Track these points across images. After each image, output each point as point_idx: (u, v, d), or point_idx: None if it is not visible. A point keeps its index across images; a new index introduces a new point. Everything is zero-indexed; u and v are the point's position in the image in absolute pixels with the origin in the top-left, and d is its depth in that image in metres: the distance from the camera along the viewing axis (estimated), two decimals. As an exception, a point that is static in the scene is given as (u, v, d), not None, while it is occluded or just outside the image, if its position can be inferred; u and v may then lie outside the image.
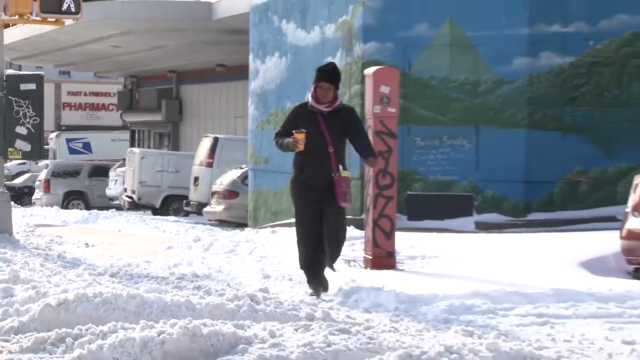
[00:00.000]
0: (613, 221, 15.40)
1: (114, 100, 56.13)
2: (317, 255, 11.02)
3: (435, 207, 19.13)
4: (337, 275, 12.80)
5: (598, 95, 19.87)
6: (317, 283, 11.02)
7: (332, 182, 10.66)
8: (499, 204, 19.78)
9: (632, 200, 12.99)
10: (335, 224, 10.96)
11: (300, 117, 10.83)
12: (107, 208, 34.28)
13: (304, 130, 10.38)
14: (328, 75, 10.87)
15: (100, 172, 38.60)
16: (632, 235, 12.73)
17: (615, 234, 13.42)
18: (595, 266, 13.04)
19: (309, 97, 10.96)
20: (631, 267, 12.95)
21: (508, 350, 7.28)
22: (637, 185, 13.03)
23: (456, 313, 10.13)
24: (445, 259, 13.91)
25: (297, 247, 11.30)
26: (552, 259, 13.40)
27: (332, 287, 11.82)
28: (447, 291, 10.94)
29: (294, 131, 10.44)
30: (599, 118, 19.78)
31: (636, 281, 12.21)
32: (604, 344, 8.20)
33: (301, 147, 10.36)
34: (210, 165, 30.27)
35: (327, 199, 10.73)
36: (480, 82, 20.17)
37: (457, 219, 18.90)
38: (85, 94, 67.03)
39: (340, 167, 10.89)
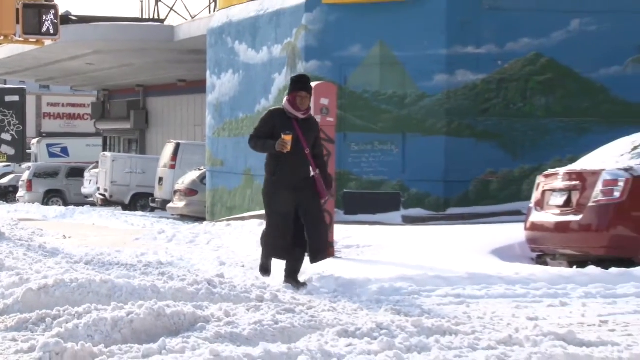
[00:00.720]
0: (519, 215, 15.51)
1: (88, 110, 55.68)
2: (288, 253, 10.50)
3: (368, 203, 19.17)
4: (283, 261, 12.82)
5: (506, 107, 20.07)
6: (295, 279, 10.44)
7: (310, 181, 10.26)
8: (422, 200, 19.89)
9: (534, 197, 13.10)
10: (317, 219, 10.48)
11: (277, 121, 10.26)
12: (83, 204, 34.10)
13: (290, 133, 9.90)
14: (306, 85, 10.34)
15: (77, 173, 38.34)
16: (534, 227, 12.85)
17: (521, 225, 13.52)
18: (504, 253, 13.12)
19: (284, 104, 10.34)
20: (534, 254, 13.06)
21: (430, 326, 7.31)
22: (539, 184, 13.15)
23: (386, 294, 10.16)
24: (376, 248, 13.94)
25: (266, 245, 10.77)
26: (467, 247, 13.47)
27: (277, 274, 11.83)
28: (378, 275, 10.97)
29: (282, 134, 9.86)
30: (506, 127, 19.97)
31: (539, 266, 12.31)
32: (512, 320, 8.27)
33: (288, 147, 9.84)
34: (173, 167, 30.21)
35: (305, 197, 10.31)
36: (406, 95, 20.27)
37: (386, 214, 18.96)
38: (63, 105, 66.41)
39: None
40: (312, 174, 10.19)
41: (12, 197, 39.77)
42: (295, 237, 10.27)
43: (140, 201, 33.12)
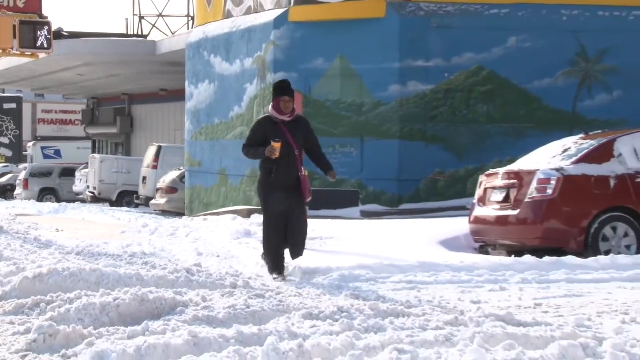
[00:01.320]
0: (463, 210, 15.57)
1: (79, 116, 55.30)
2: (282, 248, 10.18)
3: (330, 199, 19.16)
4: (254, 252, 12.77)
5: (452, 114, 20.16)
6: (282, 270, 10.12)
7: (298, 180, 9.98)
8: (378, 197, 19.93)
9: (477, 194, 13.16)
10: (300, 218, 10.18)
11: (266, 128, 9.88)
12: (74, 201, 34.04)
13: (280, 140, 9.56)
14: (287, 90, 9.95)
15: (68, 173, 38.15)
16: (477, 221, 12.90)
17: (465, 219, 13.57)
18: (451, 244, 13.16)
19: (269, 111, 10.04)
20: (477, 245, 13.11)
21: (385, 310, 7.32)
22: (481, 182, 13.20)
23: (346, 281, 10.16)
24: (337, 240, 13.95)
25: (264, 240, 10.29)
26: (418, 239, 13.50)
27: (249, 263, 11.79)
28: (339, 264, 10.97)
29: (272, 141, 9.54)
30: (452, 131, 20.06)
31: (481, 255, 12.36)
32: (457, 303, 8.30)
33: (277, 154, 9.53)
34: (155, 167, 30.11)
35: (293, 197, 9.98)
36: (363, 104, 20.30)
37: (346, 209, 18.95)
38: (56, 112, 65.94)
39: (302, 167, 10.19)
40: (300, 174, 10.01)
41: (10, 194, 39.52)
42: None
43: (126, 198, 32.98)
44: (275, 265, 10.00)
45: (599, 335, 6.19)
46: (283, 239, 10.03)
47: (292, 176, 9.85)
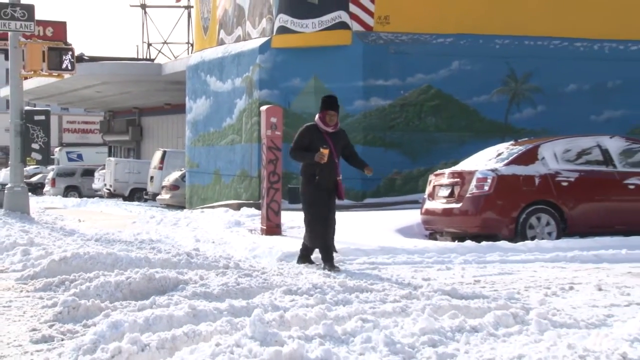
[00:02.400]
0: (416, 203, 15.60)
1: (97, 126, 55.01)
2: (331, 240, 9.44)
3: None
4: (243, 239, 12.74)
5: (406, 124, 20.22)
6: (332, 261, 9.25)
7: (336, 184, 9.38)
8: (346, 193, 19.82)
9: (427, 190, 13.20)
10: (334, 216, 9.46)
11: (312, 135, 9.19)
12: (93, 196, 33.82)
13: (327, 147, 8.97)
14: (334, 105, 9.33)
15: (89, 173, 37.92)
16: (427, 212, 12.94)
17: (417, 211, 13.60)
18: (406, 232, 13.20)
19: (315, 120, 9.31)
20: (427, 232, 13.15)
21: (352, 286, 7.34)
22: (430, 181, 13.23)
23: (319, 261, 10.12)
24: (312, 228, 13.97)
25: (311, 233, 9.46)
26: (379, 227, 13.53)
27: (239, 248, 11.75)
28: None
29: (321, 148, 8.90)
30: (407, 139, 20.12)
31: (430, 241, 12.40)
32: (411, 280, 8.32)
33: (325, 159, 8.89)
34: (161, 168, 30.00)
35: (332, 196, 9.37)
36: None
37: (319, 203, 18.96)
38: (78, 122, 65.61)
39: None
40: (339, 177, 9.40)
41: (40, 191, 39.20)
42: None
43: (137, 194, 32.80)
44: (329, 257, 9.22)
45: (526, 306, 6.23)
46: (331, 231, 9.34)
47: (332, 180, 9.31)
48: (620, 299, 7.48)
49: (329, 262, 9.11)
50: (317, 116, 9.31)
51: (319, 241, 9.28)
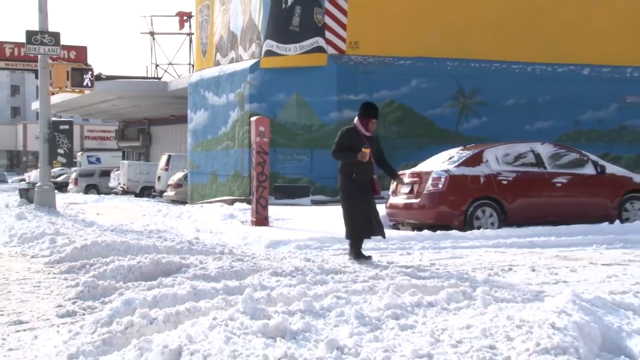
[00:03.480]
0: (382, 199, 15.54)
1: (113, 134, 54.66)
2: (367, 233, 8.72)
3: (290, 192, 19.16)
4: (236, 229, 12.72)
5: (375, 133, 20.23)
6: (356, 252, 8.62)
7: (372, 181, 8.59)
8: (323, 190, 19.95)
9: (391, 188, 13.19)
10: (374, 206, 8.67)
11: (352, 137, 8.55)
12: (109, 194, 33.64)
13: (369, 147, 8.40)
14: (375, 113, 8.71)
15: (106, 173, 37.59)
16: (391, 206, 12.96)
17: (383, 205, 13.62)
18: (373, 222, 13.26)
19: (355, 123, 8.66)
20: (391, 223, 13.18)
21: (328, 269, 7.34)
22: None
23: (300, 248, 10.16)
24: (295, 220, 13.95)
25: (347, 226, 8.72)
26: (350, 219, 13.57)
27: (233, 237, 11.73)
28: (295, 237, 10.97)
29: (363, 148, 8.33)
30: (374, 145, 20.18)
31: (394, 230, 12.43)
32: (377, 264, 8.33)
33: (367, 158, 8.31)
34: (166, 169, 29.89)
35: (369, 192, 8.57)
36: (313, 125, 20.34)
37: (301, 199, 18.95)
38: (97, 131, 65.21)
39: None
40: (374, 176, 8.66)
41: (64, 189, 38.84)
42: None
43: (146, 191, 32.63)
44: (356, 250, 8.60)
45: (473, 285, 6.26)
46: (370, 222, 8.56)
47: (368, 177, 8.56)
48: (549, 277, 7.56)
49: (353, 253, 8.56)
50: (356, 120, 8.69)
51: (353, 234, 8.60)
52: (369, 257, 8.44)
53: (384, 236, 8.66)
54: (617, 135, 21.96)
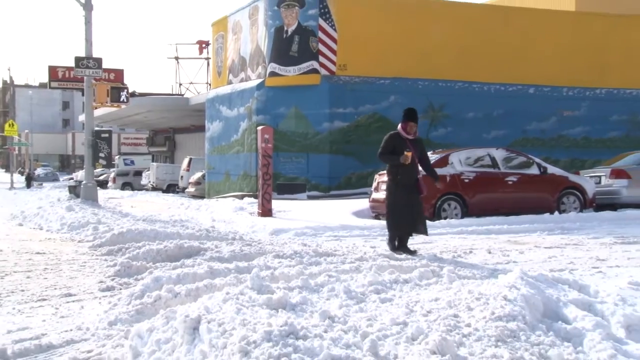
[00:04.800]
0: (366, 194, 15.66)
1: (144, 141, 54.42)
2: (404, 231, 7.80)
3: (289, 188, 19.13)
4: (245, 219, 12.70)
5: (359, 139, 20.22)
6: (405, 248, 7.66)
7: (417, 181, 7.61)
8: (317, 187, 19.94)
9: (373, 185, 13.20)
10: (420, 204, 7.76)
11: (395, 142, 7.66)
12: (141, 190, 33.50)
13: (411, 150, 7.56)
14: (414, 117, 7.79)
15: (138, 173, 37.42)
16: (373, 200, 12.93)
17: (366, 200, 13.66)
18: (359, 214, 13.23)
19: (398, 129, 7.76)
20: (373, 214, 13.18)
21: (321, 252, 7.34)
22: (375, 178, 13.22)
23: (298, 235, 10.16)
24: (294, 212, 13.94)
25: (387, 222, 7.89)
26: (340, 211, 13.56)
27: (242, 226, 11.71)
28: (294, 226, 10.97)
29: (405, 151, 7.49)
30: (360, 149, 20.09)
31: (376, 220, 12.41)
32: (362, 248, 8.35)
33: (409, 161, 7.47)
34: (188, 170, 29.77)
35: (414, 191, 7.59)
36: (309, 133, 20.29)
37: (299, 194, 18.92)
38: (131, 138, 64.85)
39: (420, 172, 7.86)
40: (419, 176, 7.72)
41: (105, 186, 38.70)
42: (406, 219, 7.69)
43: (171, 188, 32.51)
44: (393, 245, 7.77)
45: (441, 265, 6.26)
46: (405, 224, 7.70)
47: (413, 178, 7.62)
48: (502, 259, 7.57)
49: (389, 245, 7.74)
50: (399, 125, 7.82)
51: (392, 231, 7.75)
52: (414, 252, 7.52)
53: (426, 233, 7.79)
54: (556, 142, 22.12)
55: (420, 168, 7.72)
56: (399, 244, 7.69)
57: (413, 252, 7.49)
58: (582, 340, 3.53)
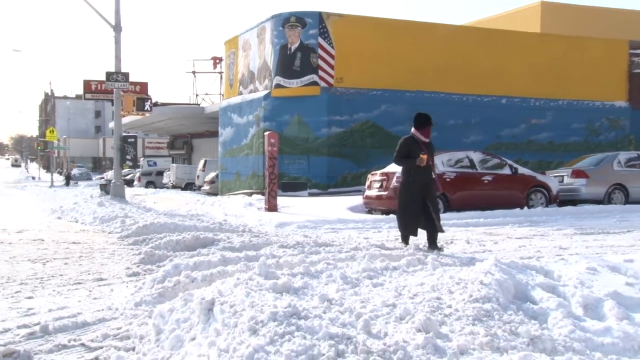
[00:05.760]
0: (359, 192, 15.67)
1: (165, 145, 54.21)
2: (412, 229, 7.04)
3: (292, 187, 19.12)
4: (253, 214, 12.69)
5: (354, 144, 20.23)
6: (435, 245, 6.91)
7: (432, 180, 6.83)
8: (317, 185, 19.91)
9: (366, 184, 13.22)
10: (436, 202, 6.93)
11: (410, 145, 6.98)
12: (163, 188, 33.45)
13: (425, 153, 6.90)
14: (429, 123, 7.12)
15: (160, 173, 37.28)
16: (367, 197, 12.96)
17: (360, 196, 13.67)
18: (354, 209, 13.24)
19: (412, 132, 7.11)
20: (367, 209, 13.19)
21: (320, 242, 7.33)
22: (368, 178, 13.25)
23: (300, 228, 10.16)
24: (296, 207, 13.94)
25: (398, 221, 7.22)
26: (337, 206, 13.57)
27: (251, 219, 11.70)
28: (297, 220, 10.97)
29: (420, 154, 6.84)
30: (355, 152, 20.13)
31: (369, 214, 12.44)
32: (356, 239, 8.35)
33: (424, 163, 6.84)
34: (204, 170, 29.66)
35: (428, 190, 6.82)
36: (309, 138, 20.25)
37: (301, 192, 18.91)
38: (154, 143, 64.31)
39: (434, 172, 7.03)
40: (433, 176, 6.94)
41: (131, 184, 38.62)
42: (425, 218, 6.88)
43: (189, 186, 32.46)
44: (404, 239, 7.12)
45: (426, 254, 6.25)
46: (414, 225, 6.98)
47: (426, 177, 6.87)
48: (479, 248, 7.57)
49: (431, 246, 6.90)
50: (413, 129, 7.16)
51: (401, 230, 7.15)
52: (440, 249, 6.80)
53: (442, 230, 6.91)
54: (525, 146, 22.19)
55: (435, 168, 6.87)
56: (430, 244, 6.87)
57: (440, 249, 6.84)
58: (547, 318, 3.56)
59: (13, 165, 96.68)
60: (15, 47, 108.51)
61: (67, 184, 38.68)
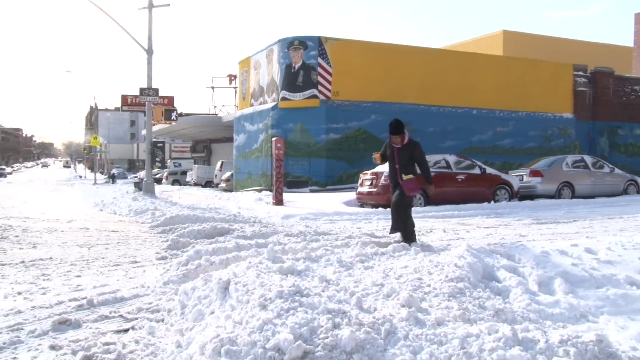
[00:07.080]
0: (353, 189, 15.63)
1: (189, 149, 54.06)
2: (395, 221, 6.30)
3: (296, 185, 19.07)
4: (263, 207, 12.64)
5: (349, 148, 20.13)
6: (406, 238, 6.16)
7: (397, 183, 6.19)
8: (317, 183, 19.81)
9: (359, 182, 13.19)
10: (397, 204, 6.21)
11: (387, 147, 6.44)
12: (186, 185, 33.34)
13: (377, 153, 6.54)
14: (393, 131, 6.23)
15: (184, 173, 37.20)
16: (360, 194, 12.91)
17: (354, 193, 13.63)
18: (349, 203, 13.20)
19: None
20: (359, 204, 13.15)
21: (320, 232, 7.31)
22: (361, 177, 13.22)
23: (303, 219, 10.13)
24: (299, 202, 13.91)
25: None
26: (334, 201, 13.54)
27: (261, 212, 11.66)
28: (300, 212, 10.95)
29: (374, 154, 6.63)
30: (350, 155, 20.01)
31: (361, 208, 12.39)
32: (350, 229, 8.33)
33: (376, 162, 6.60)
34: (221, 170, 29.54)
35: (396, 191, 6.24)
36: (311, 143, 20.17)
37: (303, 189, 18.86)
38: (179, 147, 64.15)
39: (404, 175, 6.17)
40: (400, 180, 6.19)
41: (160, 182, 38.47)
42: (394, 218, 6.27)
43: (209, 184, 32.33)
44: (392, 230, 6.34)
45: (402, 242, 6.21)
46: (393, 218, 6.25)
47: (393, 180, 6.33)
48: (454, 236, 7.56)
49: (407, 241, 6.07)
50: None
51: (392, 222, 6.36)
52: (414, 242, 6.05)
53: (401, 231, 6.24)
54: (492, 151, 22.27)
55: (403, 171, 6.21)
56: (403, 239, 6.18)
57: (414, 242, 6.05)
58: (509, 294, 3.62)
59: (64, 167, 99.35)
60: (68, 69, 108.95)
61: (114, 182, 38.66)
